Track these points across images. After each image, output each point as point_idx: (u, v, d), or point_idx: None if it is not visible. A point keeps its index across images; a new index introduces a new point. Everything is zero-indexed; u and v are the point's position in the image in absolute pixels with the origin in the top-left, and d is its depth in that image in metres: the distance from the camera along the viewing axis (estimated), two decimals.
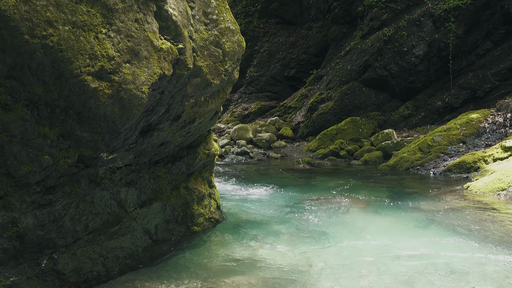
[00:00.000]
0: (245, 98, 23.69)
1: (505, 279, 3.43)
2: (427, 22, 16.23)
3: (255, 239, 4.81)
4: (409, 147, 11.67)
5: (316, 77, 20.62)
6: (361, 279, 3.57)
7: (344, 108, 17.17)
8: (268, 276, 3.69)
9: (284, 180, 9.73)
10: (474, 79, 15.47)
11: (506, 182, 6.68)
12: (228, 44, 3.45)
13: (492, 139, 10.74)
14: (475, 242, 4.39)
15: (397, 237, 4.71)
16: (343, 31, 20.75)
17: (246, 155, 15.02)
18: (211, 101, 3.56)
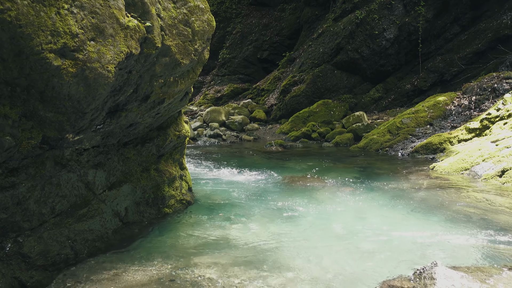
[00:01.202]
0: (217, 81, 23.47)
1: (465, 253, 3.60)
2: (398, 6, 16.42)
3: (227, 219, 4.83)
4: (379, 129, 11.91)
5: (289, 60, 20.62)
6: (330, 256, 3.66)
7: (317, 91, 17.30)
8: (240, 255, 3.73)
9: (257, 162, 9.78)
10: (442, 62, 15.84)
11: (469, 162, 6.94)
12: (198, 23, 3.38)
13: (457, 121, 11.10)
14: (438, 219, 4.57)
15: (366, 216, 4.84)
16: (316, 13, 20.74)
17: (219, 138, 14.97)
18: (181, 82, 3.51)
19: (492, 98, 11.25)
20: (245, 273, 3.36)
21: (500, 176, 6.05)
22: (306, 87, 17.42)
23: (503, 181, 5.92)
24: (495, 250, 3.61)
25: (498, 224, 4.27)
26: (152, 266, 3.43)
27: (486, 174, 6.30)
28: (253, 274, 3.34)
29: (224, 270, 3.39)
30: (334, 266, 3.45)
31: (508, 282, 2.55)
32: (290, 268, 3.44)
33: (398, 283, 2.80)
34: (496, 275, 2.64)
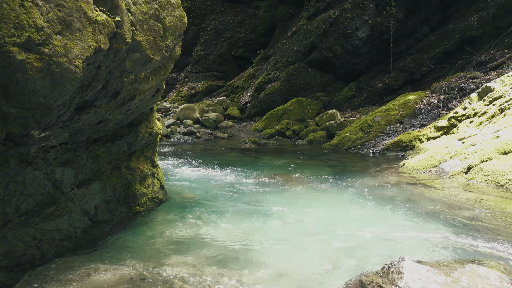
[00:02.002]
0: (192, 77, 23.28)
1: (433, 248, 3.70)
2: (370, 6, 16.71)
3: (200, 218, 4.80)
4: (351, 127, 12.10)
5: (264, 57, 20.66)
6: (302, 253, 3.69)
7: (291, 89, 17.42)
8: (212, 254, 3.71)
9: (231, 159, 9.76)
10: (412, 62, 16.23)
11: (437, 159, 7.14)
12: (169, 19, 3.33)
13: (426, 119, 11.40)
14: (406, 215, 4.68)
15: (337, 213, 4.91)
16: (290, 11, 20.85)
17: (193, 135, 14.86)
18: (152, 78, 3.45)
19: (459, 97, 11.61)
20: (217, 271, 3.35)
21: (466, 173, 6.25)
22: (281, 85, 17.51)
23: (469, 178, 6.12)
24: (460, 244, 3.73)
25: (463, 219, 4.41)
26: (122, 266, 3.37)
27: (453, 171, 6.49)
28: (225, 272, 3.34)
29: (196, 269, 3.37)
30: (305, 263, 3.48)
31: (470, 275, 2.63)
32: (263, 265, 3.45)
33: (368, 278, 2.85)
34: (460, 268, 2.73)
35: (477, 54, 14.53)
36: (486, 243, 3.70)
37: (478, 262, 2.96)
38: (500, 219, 4.34)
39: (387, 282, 2.58)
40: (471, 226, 4.19)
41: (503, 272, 2.81)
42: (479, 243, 3.70)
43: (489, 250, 3.53)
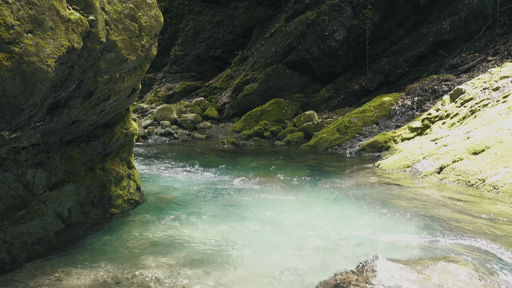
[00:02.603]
0: (169, 78, 23.08)
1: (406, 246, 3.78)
2: (346, 8, 16.94)
3: (177, 219, 4.77)
4: (328, 128, 12.24)
5: (242, 58, 20.67)
6: (279, 254, 3.71)
7: (269, 90, 17.48)
8: (189, 255, 3.69)
9: (209, 160, 9.73)
10: (387, 64, 16.54)
11: (411, 160, 7.30)
12: (145, 19, 3.30)
13: (401, 121, 11.64)
14: (382, 214, 4.76)
15: (314, 213, 4.96)
16: (268, 12, 20.94)
17: (170, 136, 14.73)
18: (128, 78, 3.41)
19: (432, 99, 11.90)
20: (194, 273, 3.33)
21: (439, 173, 6.41)
22: (259, 86, 17.55)
23: (441, 177, 6.28)
24: (432, 243, 3.82)
25: (435, 218, 4.53)
26: (97, 269, 3.32)
27: (426, 171, 6.65)
28: (202, 273, 3.32)
29: (172, 270, 3.34)
30: (282, 263, 3.50)
31: (441, 272, 2.71)
32: (240, 266, 3.46)
33: (343, 277, 2.89)
34: (432, 265, 2.80)
35: (450, 57, 14.93)
36: (458, 241, 3.80)
37: (449, 260, 3.05)
38: (470, 218, 4.47)
39: (361, 280, 2.63)
40: (443, 225, 4.30)
41: (472, 269, 2.90)
42: (451, 241, 3.80)
43: (460, 248, 3.63)
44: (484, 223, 4.26)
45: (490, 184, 5.50)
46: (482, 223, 4.26)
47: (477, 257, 3.40)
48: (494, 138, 6.30)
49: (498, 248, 3.59)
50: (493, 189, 5.39)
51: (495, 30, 14.66)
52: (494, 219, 4.38)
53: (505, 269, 3.20)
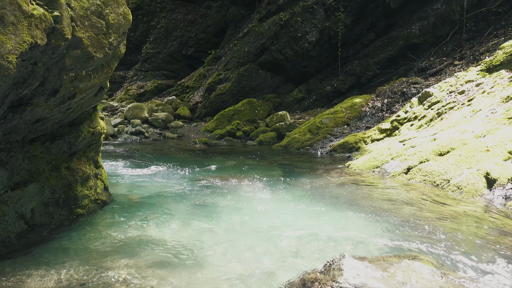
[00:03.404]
0: (140, 76, 22.72)
1: (374, 245, 3.86)
2: (319, 10, 17.14)
3: (146, 219, 4.70)
4: (300, 129, 12.35)
5: (215, 57, 20.59)
6: (249, 253, 3.72)
7: (242, 90, 17.48)
8: (159, 256, 3.65)
9: (180, 160, 9.63)
10: (359, 66, 16.84)
11: (379, 160, 7.46)
12: (113, 16, 3.23)
13: (371, 122, 11.87)
14: (351, 214, 4.85)
15: (285, 213, 4.99)
16: (242, 12, 20.93)
17: (141, 135, 14.51)
18: (94, 76, 3.33)
19: (401, 101, 12.20)
20: (163, 273, 3.29)
21: (406, 173, 6.58)
22: (232, 86, 17.52)
23: (409, 178, 6.44)
24: (398, 241, 3.91)
25: (402, 217, 4.64)
26: (61, 270, 3.23)
27: (394, 172, 6.81)
28: (171, 273, 3.29)
29: (141, 271, 3.30)
30: (253, 263, 3.51)
31: (405, 270, 2.78)
32: (210, 266, 3.44)
33: (310, 276, 2.92)
34: (396, 263, 2.87)
35: (419, 61, 15.35)
36: (422, 239, 3.91)
37: (413, 258, 3.13)
38: (435, 217, 4.61)
39: (328, 279, 2.66)
40: (409, 224, 4.42)
41: (435, 266, 2.99)
42: (416, 240, 3.90)
43: (424, 246, 3.74)
44: (447, 223, 4.39)
45: (454, 185, 5.68)
46: (446, 223, 4.39)
47: (440, 255, 3.50)
48: (459, 140, 6.51)
49: (460, 246, 3.71)
50: (457, 189, 5.57)
51: (461, 35, 15.17)
52: (457, 218, 4.53)
53: (466, 266, 3.31)
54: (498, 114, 6.89)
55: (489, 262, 3.36)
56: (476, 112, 7.62)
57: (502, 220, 4.40)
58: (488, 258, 3.46)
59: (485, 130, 6.53)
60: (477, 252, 3.56)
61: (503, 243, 3.76)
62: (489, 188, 5.42)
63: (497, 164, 5.64)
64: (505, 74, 8.52)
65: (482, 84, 8.79)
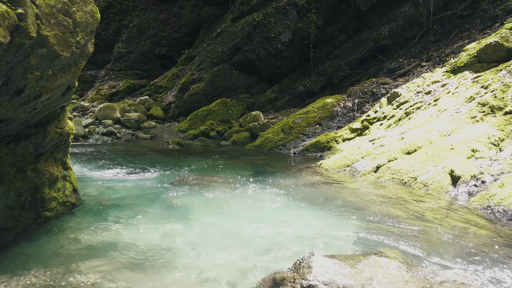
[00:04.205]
0: (112, 75, 22.30)
1: (343, 243, 3.94)
2: (292, 11, 17.28)
3: (117, 221, 4.64)
4: (274, 128, 12.43)
5: (188, 57, 20.45)
6: (221, 253, 3.72)
7: (215, 90, 17.43)
8: (129, 258, 3.60)
9: (153, 161, 9.53)
10: (331, 67, 17.07)
11: (350, 159, 7.60)
12: (80, 14, 3.18)
13: (343, 122, 12.07)
14: (322, 212, 4.92)
15: (257, 212, 5.02)
16: (215, 12, 20.87)
17: (113, 136, 14.25)
18: (61, 75, 3.26)
19: (371, 101, 12.46)
20: (133, 276, 3.26)
21: (375, 172, 6.73)
22: (205, 86, 17.44)
23: (378, 176, 6.60)
24: (367, 238, 4.01)
25: (371, 215, 4.75)
26: (27, 276, 3.15)
27: (364, 170, 6.95)
28: (142, 276, 3.26)
29: (110, 275, 3.25)
30: (224, 263, 3.52)
31: (373, 266, 2.86)
32: (181, 267, 3.43)
33: (280, 274, 2.96)
34: (364, 260, 2.95)
35: (388, 62, 15.70)
36: (390, 236, 4.02)
37: (380, 254, 3.22)
38: (402, 214, 4.74)
39: (298, 277, 2.71)
40: (377, 221, 4.53)
41: (401, 262, 3.09)
42: (384, 236, 4.01)
43: (392, 242, 3.85)
44: (414, 219, 4.53)
45: (421, 182, 5.85)
46: (412, 219, 4.53)
47: (407, 251, 3.61)
48: (425, 138, 6.71)
49: (426, 241, 3.84)
50: (424, 186, 5.75)
51: (428, 37, 15.62)
52: (423, 215, 4.67)
53: (431, 260, 3.43)
54: (462, 113, 7.15)
55: (453, 256, 3.49)
56: (441, 111, 7.87)
57: (465, 216, 4.57)
58: (453, 252, 3.59)
59: (450, 129, 6.75)
60: (442, 247, 3.69)
61: (467, 238, 3.91)
62: (453, 185, 5.61)
63: (461, 162, 5.85)
64: (468, 75, 8.84)
65: (447, 85, 9.08)
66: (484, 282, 2.97)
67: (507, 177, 5.05)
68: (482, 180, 5.45)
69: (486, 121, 6.71)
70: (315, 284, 2.57)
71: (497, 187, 4.94)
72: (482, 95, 7.41)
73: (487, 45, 9.04)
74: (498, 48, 8.75)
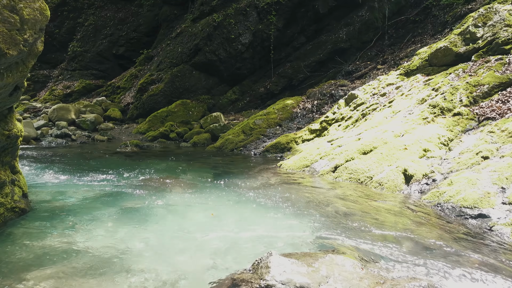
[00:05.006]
0: (67, 75, 21.51)
1: (302, 242, 3.99)
2: (252, 13, 17.35)
3: (71, 227, 4.47)
4: (234, 130, 12.43)
5: (147, 57, 20.06)
6: (180, 256, 3.67)
7: (175, 91, 17.20)
8: (83, 264, 3.48)
9: (110, 163, 9.26)
10: (291, 69, 17.30)
11: (309, 160, 7.73)
12: (28, 11, 3.03)
13: (302, 123, 12.25)
14: (281, 213, 4.97)
15: (218, 214, 4.99)
16: (175, 12, 20.61)
17: (68, 138, 13.74)
18: (8, 75, 3.10)
19: (330, 103, 12.73)
20: (87, 282, 3.15)
21: (333, 172, 6.88)
22: (165, 86, 17.18)
23: (336, 176, 6.74)
24: (325, 237, 4.09)
25: (329, 214, 4.85)
26: None
27: (323, 170, 7.09)
28: (96, 282, 3.16)
29: (64, 282, 3.13)
30: (183, 266, 3.47)
31: (329, 264, 2.91)
32: (138, 271, 3.35)
33: (239, 276, 2.96)
34: (321, 258, 3.00)
35: (346, 64, 16.12)
36: (347, 233, 4.11)
37: (337, 252, 3.29)
38: (358, 212, 4.87)
39: (256, 277, 2.72)
40: (335, 220, 4.63)
41: (356, 259, 3.17)
42: (341, 234, 4.10)
43: (349, 239, 3.94)
44: (370, 217, 4.66)
45: (376, 181, 6.04)
46: (368, 217, 4.66)
47: (363, 248, 3.71)
48: (381, 139, 6.94)
49: (380, 238, 3.96)
50: (379, 185, 5.94)
51: (384, 41, 16.18)
52: (378, 213, 4.82)
53: (385, 256, 3.54)
54: (414, 115, 7.44)
55: (406, 252, 3.62)
56: (396, 113, 8.17)
57: (417, 213, 4.76)
58: (405, 248, 3.73)
59: (403, 130, 7.02)
60: (396, 244, 3.82)
61: (419, 234, 4.07)
62: (407, 184, 5.84)
63: (414, 161, 6.09)
64: (420, 78, 9.23)
65: (401, 87, 9.44)
66: (434, 276, 3.10)
67: (455, 175, 5.31)
68: (433, 179, 5.70)
69: (436, 122, 7.03)
70: (273, 284, 2.59)
71: (446, 185, 5.18)
72: (433, 97, 7.75)
73: (437, 49, 9.48)
74: (447, 52, 9.20)
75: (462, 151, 6.10)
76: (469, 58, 8.73)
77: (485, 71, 7.72)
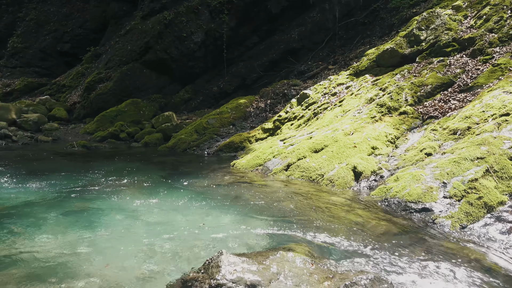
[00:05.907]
0: (6, 73, 20.26)
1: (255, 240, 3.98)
2: (204, 11, 17.19)
3: (12, 232, 4.21)
4: (187, 129, 12.25)
5: (94, 55, 19.32)
6: (131, 259, 3.55)
7: (125, 89, 16.70)
8: (25, 271, 3.28)
9: (55, 165, 8.82)
10: (244, 68, 17.32)
11: (262, 159, 7.76)
12: None
13: (256, 122, 12.29)
14: (234, 212, 4.94)
15: (169, 215, 4.88)
16: (124, 9, 20.01)
17: (8, 139, 12.93)
18: None
19: (283, 102, 12.87)
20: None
21: (286, 170, 6.94)
22: (114, 85, 16.63)
23: (288, 174, 6.81)
24: (277, 234, 4.11)
25: (281, 211, 4.88)
26: None
27: (276, 169, 7.14)
28: None
29: None
30: (134, 269, 3.37)
31: (280, 261, 2.92)
32: (85, 275, 3.22)
33: (190, 276, 2.90)
34: (272, 256, 3.00)
35: (298, 64, 16.37)
36: (298, 230, 4.16)
37: (288, 249, 3.31)
38: (310, 209, 4.94)
39: (207, 277, 2.67)
40: (287, 217, 4.67)
41: (307, 255, 3.20)
42: (293, 231, 4.14)
43: (301, 236, 3.98)
44: (321, 213, 4.75)
45: (327, 179, 6.16)
46: (319, 214, 4.74)
47: (314, 243, 3.76)
48: (331, 137, 7.09)
49: (331, 233, 4.04)
50: (330, 183, 6.06)
51: (335, 42, 16.59)
52: (329, 209, 4.91)
53: (335, 251, 3.61)
54: (363, 114, 7.68)
55: (355, 246, 3.71)
56: (346, 112, 8.38)
57: (366, 208, 4.90)
58: (354, 242, 3.82)
59: (353, 128, 7.21)
60: (345, 238, 3.91)
61: (367, 229, 4.19)
62: (356, 181, 6.00)
63: (363, 159, 6.28)
64: (369, 78, 9.54)
65: (351, 87, 9.71)
66: (381, 268, 3.20)
67: (401, 172, 5.52)
68: (380, 175, 5.90)
69: (384, 120, 7.28)
70: (224, 283, 2.55)
71: (393, 181, 5.37)
72: (381, 96, 8.04)
73: (384, 51, 9.84)
74: (393, 54, 9.57)
75: (408, 148, 6.37)
76: (414, 59, 9.14)
77: (428, 72, 8.11)
